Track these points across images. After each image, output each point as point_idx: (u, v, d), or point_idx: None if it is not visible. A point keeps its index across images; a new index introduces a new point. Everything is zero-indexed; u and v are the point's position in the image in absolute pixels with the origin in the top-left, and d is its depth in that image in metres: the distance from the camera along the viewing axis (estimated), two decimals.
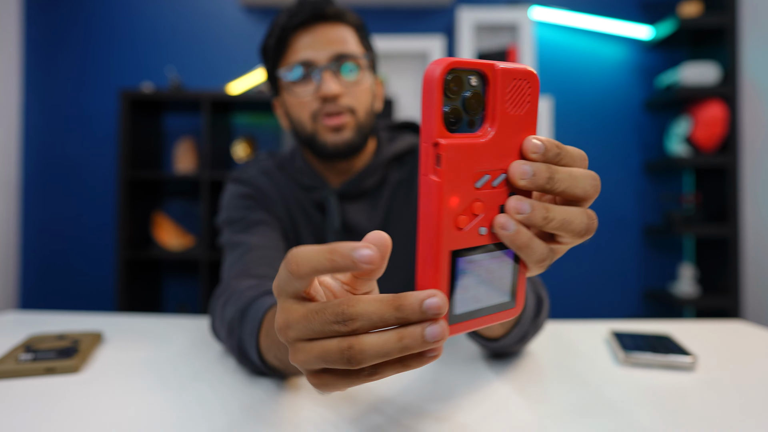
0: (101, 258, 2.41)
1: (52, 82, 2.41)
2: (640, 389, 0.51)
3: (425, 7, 2.39)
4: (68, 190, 2.41)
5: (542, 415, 0.45)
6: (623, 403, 0.47)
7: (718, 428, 0.42)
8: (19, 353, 0.56)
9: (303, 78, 0.70)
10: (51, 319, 0.80)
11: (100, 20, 2.41)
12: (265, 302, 0.49)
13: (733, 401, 0.48)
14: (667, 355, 0.58)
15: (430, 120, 0.25)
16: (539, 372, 0.56)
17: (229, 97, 2.10)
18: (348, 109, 0.70)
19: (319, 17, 0.69)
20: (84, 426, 0.42)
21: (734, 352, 0.65)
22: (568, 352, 0.64)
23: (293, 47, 0.70)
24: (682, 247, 2.36)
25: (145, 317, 0.82)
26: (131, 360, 0.60)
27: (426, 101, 0.25)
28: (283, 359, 0.43)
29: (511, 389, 0.51)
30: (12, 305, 2.38)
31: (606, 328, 0.76)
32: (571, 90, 2.37)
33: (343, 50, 0.70)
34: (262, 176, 0.79)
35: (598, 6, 2.36)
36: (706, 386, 0.52)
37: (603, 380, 0.54)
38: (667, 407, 0.46)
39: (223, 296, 0.58)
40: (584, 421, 0.43)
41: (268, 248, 0.69)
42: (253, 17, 2.41)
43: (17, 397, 0.47)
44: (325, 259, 0.25)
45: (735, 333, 0.74)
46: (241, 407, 0.46)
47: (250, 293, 0.53)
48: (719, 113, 2.05)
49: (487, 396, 0.49)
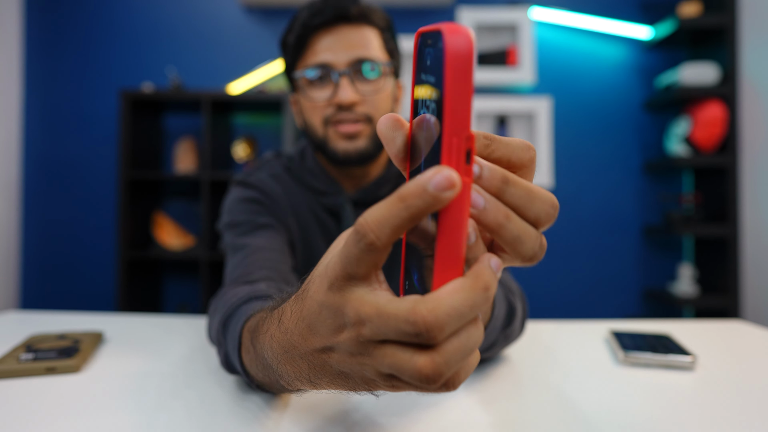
0: (102, 258, 2.41)
1: (52, 82, 2.41)
2: (640, 389, 0.51)
3: (425, 7, 2.39)
4: (69, 190, 2.41)
5: (539, 414, 0.45)
6: (623, 402, 0.47)
7: (718, 428, 0.42)
8: (20, 353, 0.56)
9: (320, 81, 0.67)
10: (51, 319, 0.80)
11: (101, 21, 2.41)
12: (245, 312, 0.45)
13: (732, 401, 0.48)
14: (666, 355, 0.58)
15: (459, 108, 0.21)
16: (535, 371, 0.56)
17: (229, 97, 2.10)
18: (365, 117, 0.67)
19: (342, 18, 0.66)
20: (84, 425, 0.41)
21: (733, 351, 0.65)
22: (567, 351, 0.64)
23: (313, 47, 0.67)
24: (681, 247, 2.36)
25: (146, 317, 0.82)
26: (132, 360, 0.59)
27: (454, 84, 0.20)
28: (265, 381, 0.39)
29: (509, 388, 0.51)
30: (13, 305, 2.38)
31: (605, 328, 0.76)
32: (570, 90, 2.37)
33: (364, 55, 0.66)
34: (272, 180, 0.75)
35: (597, 6, 2.36)
36: (705, 386, 0.52)
37: (602, 380, 0.54)
38: (666, 407, 0.46)
39: (214, 303, 0.55)
40: (584, 421, 0.43)
41: (271, 250, 0.65)
42: (254, 17, 2.41)
43: (18, 396, 0.47)
44: (400, 212, 0.20)
45: (734, 333, 0.75)
46: (240, 408, 0.46)
47: (232, 301, 0.49)
48: (719, 113, 2.05)
49: (484, 394, 0.49)
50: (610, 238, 2.36)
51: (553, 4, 2.36)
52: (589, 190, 2.37)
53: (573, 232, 2.36)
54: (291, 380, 0.31)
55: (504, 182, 0.23)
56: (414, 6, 2.39)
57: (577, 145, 2.37)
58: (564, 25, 2.36)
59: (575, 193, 2.36)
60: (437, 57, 0.21)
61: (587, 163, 2.37)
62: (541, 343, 0.68)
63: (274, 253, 0.65)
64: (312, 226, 0.74)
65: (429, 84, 0.23)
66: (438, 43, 0.21)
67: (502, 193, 0.23)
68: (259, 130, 2.43)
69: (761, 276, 2.00)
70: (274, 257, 0.64)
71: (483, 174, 0.23)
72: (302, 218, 0.74)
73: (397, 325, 0.21)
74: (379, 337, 0.22)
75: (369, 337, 0.22)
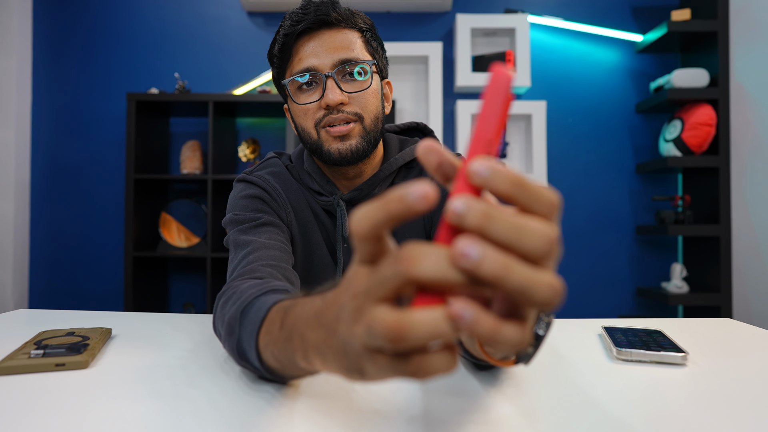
0: (109, 257, 2.44)
1: (61, 86, 2.46)
2: (633, 385, 0.51)
3: (424, 12, 2.41)
4: (77, 191, 2.45)
5: (534, 411, 0.44)
6: (615, 398, 0.47)
7: (710, 422, 0.42)
8: (30, 349, 0.57)
9: (307, 86, 0.69)
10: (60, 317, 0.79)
11: (109, 26, 2.45)
12: (268, 300, 0.47)
13: (723, 395, 0.49)
14: (659, 351, 0.58)
15: (491, 126, 0.24)
16: (531, 369, 0.56)
17: (234, 100, 2.15)
18: (354, 116, 0.69)
19: (323, 23, 0.68)
20: (93, 420, 0.42)
21: (724, 348, 0.66)
22: (560, 349, 0.64)
23: (297, 55, 0.69)
24: (673, 246, 2.40)
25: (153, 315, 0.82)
26: (140, 356, 0.60)
27: (490, 105, 0.24)
28: (280, 358, 0.40)
29: (502, 386, 0.51)
30: (22, 304, 2.43)
31: (599, 326, 0.76)
32: (564, 94, 2.40)
33: (348, 56, 0.68)
34: (273, 178, 0.76)
35: (591, 15, 2.40)
36: (697, 381, 0.53)
37: (595, 376, 0.54)
38: (659, 402, 0.47)
39: (224, 296, 0.56)
40: (576, 417, 0.43)
41: (274, 248, 0.66)
42: (258, 22, 2.43)
43: (28, 391, 0.48)
44: (379, 211, 0.23)
45: (724, 330, 0.75)
46: (252, 398, 0.46)
47: (251, 291, 0.51)
48: (709, 116, 2.09)
49: (479, 392, 0.49)
50: (603, 238, 2.40)
51: (547, 13, 2.40)
52: (583, 191, 2.40)
53: (567, 232, 2.39)
54: (307, 352, 0.33)
55: (486, 218, 0.22)
56: (413, 11, 2.41)
57: (571, 148, 2.40)
58: (558, 27, 2.40)
59: (570, 195, 2.39)
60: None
61: (581, 165, 2.40)
62: None
63: (277, 251, 0.66)
64: (311, 222, 0.76)
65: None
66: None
67: (484, 230, 0.22)
68: (262, 131, 2.45)
69: (749, 275, 2.04)
70: (277, 255, 0.65)
71: (463, 212, 0.22)
72: (301, 215, 0.76)
73: (382, 275, 0.23)
74: (369, 294, 0.24)
75: (361, 293, 0.25)
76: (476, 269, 0.21)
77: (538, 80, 2.40)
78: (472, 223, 0.22)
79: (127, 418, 0.42)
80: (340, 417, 0.43)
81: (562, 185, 2.39)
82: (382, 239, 0.25)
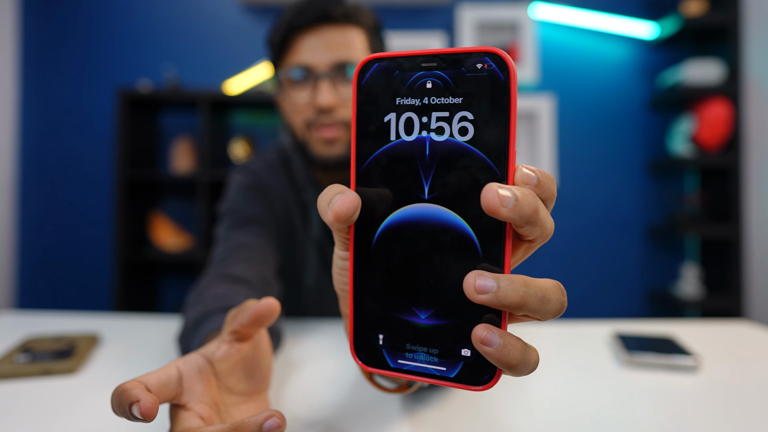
0: (98, 258, 2.40)
1: (48, 80, 2.39)
2: (643, 391, 0.51)
3: (426, 5, 2.38)
4: (65, 189, 2.39)
5: (544, 415, 0.44)
6: (626, 404, 0.47)
7: (722, 430, 0.42)
8: (16, 355, 0.57)
9: (301, 82, 0.67)
10: (48, 320, 0.79)
11: (97, 18, 2.40)
12: (213, 323, 0.46)
13: (736, 403, 0.47)
14: (670, 357, 0.57)
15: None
16: (541, 372, 0.56)
17: (227, 96, 2.09)
18: (343, 123, 0.67)
19: (325, 18, 0.65)
20: (80, 427, 0.41)
21: (738, 353, 0.64)
22: (570, 352, 0.64)
23: (295, 48, 0.66)
24: (685, 247, 2.34)
25: (142, 318, 0.81)
26: (128, 361, 0.59)
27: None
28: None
29: (510, 388, 0.50)
30: (9, 305, 2.37)
31: (609, 329, 0.75)
32: (573, 89, 2.35)
33: (347, 57, 0.65)
34: (267, 169, 0.78)
35: (600, 3, 2.34)
36: (709, 388, 0.52)
37: (606, 381, 0.53)
38: (670, 409, 0.46)
39: (196, 290, 0.56)
40: (586, 422, 0.43)
41: (253, 249, 0.67)
42: (251, 15, 2.40)
43: (14, 398, 0.48)
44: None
45: (739, 334, 0.73)
46: None
47: (212, 305, 0.50)
48: (723, 112, 2.04)
49: (485, 395, 0.48)
50: (613, 238, 2.35)
51: (554, 1, 2.35)
52: (592, 189, 2.35)
53: (576, 232, 2.34)
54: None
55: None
56: (414, 4, 2.37)
57: (579, 143, 2.35)
58: (567, 24, 2.34)
59: (578, 193, 2.34)
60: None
61: (590, 163, 2.35)
62: (544, 344, 0.67)
63: (255, 252, 0.67)
64: (297, 218, 0.77)
65: None
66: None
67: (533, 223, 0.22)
68: (257, 129, 2.41)
69: (766, 276, 1.98)
70: (253, 255, 0.66)
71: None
72: (290, 209, 0.77)
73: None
74: None
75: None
76: (497, 299, 0.21)
77: (546, 75, 2.35)
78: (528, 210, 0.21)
79: (114, 425, 0.42)
80: (336, 415, 0.44)
81: (570, 183, 2.33)
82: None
